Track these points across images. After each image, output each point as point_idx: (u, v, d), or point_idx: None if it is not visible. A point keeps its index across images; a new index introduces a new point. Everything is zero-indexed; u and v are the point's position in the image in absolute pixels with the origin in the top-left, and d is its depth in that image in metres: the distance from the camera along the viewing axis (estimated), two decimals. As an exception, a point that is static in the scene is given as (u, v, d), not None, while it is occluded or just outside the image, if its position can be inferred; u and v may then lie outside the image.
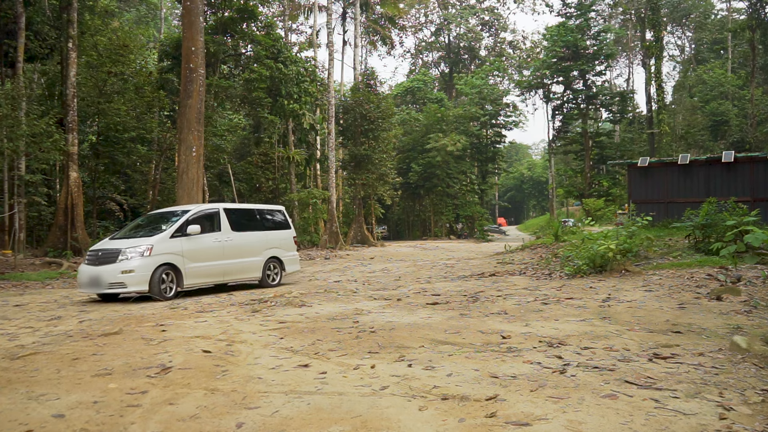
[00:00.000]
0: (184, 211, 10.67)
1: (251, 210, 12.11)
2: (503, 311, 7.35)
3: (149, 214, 11.49)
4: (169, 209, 11.51)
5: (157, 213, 11.46)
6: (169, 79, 24.49)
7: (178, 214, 10.58)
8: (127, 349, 5.65)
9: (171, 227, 10.10)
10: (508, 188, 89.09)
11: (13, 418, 3.64)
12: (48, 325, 7.29)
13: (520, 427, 3.25)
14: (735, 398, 3.63)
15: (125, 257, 9.40)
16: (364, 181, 32.42)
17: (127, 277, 9.29)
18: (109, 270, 9.34)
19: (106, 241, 10.38)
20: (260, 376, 4.51)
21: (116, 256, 9.43)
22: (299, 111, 29.68)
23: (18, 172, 18.79)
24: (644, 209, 16.92)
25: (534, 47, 58.29)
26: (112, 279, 9.29)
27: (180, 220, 10.25)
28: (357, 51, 36.34)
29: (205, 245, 10.51)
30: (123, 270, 9.29)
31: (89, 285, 9.53)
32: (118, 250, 9.48)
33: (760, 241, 9.28)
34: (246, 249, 11.33)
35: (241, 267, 11.20)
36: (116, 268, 9.32)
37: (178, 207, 11.65)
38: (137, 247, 9.55)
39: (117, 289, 9.35)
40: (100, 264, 9.47)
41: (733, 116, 40.27)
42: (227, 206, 11.40)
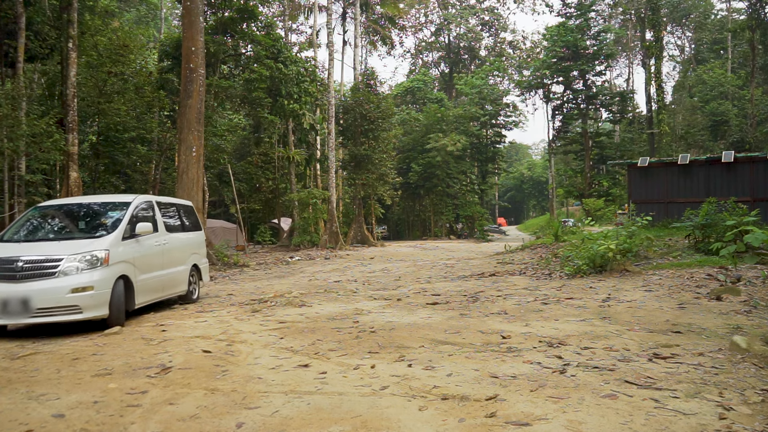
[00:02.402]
0: (121, 203, 7.86)
1: (177, 205, 9.56)
2: (503, 311, 7.35)
3: (43, 206, 8.09)
4: (77, 200, 8.56)
5: (62, 205, 8.30)
6: (169, 79, 24.49)
7: (110, 207, 7.87)
8: (127, 349, 5.65)
9: (119, 225, 7.30)
10: (508, 188, 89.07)
11: (14, 418, 3.64)
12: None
13: (520, 427, 3.25)
14: (735, 398, 3.63)
15: (73, 267, 6.49)
16: (364, 181, 32.42)
17: (82, 297, 6.41)
18: (46, 288, 6.29)
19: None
20: (260, 376, 4.51)
21: (55, 266, 6.43)
22: (299, 111, 29.68)
23: (18, 172, 18.78)
24: (644, 209, 16.91)
25: (534, 47, 58.30)
26: (54, 301, 6.29)
27: (126, 214, 7.50)
28: (357, 51, 36.34)
29: (151, 251, 7.88)
30: (75, 287, 6.37)
31: (1, 311, 6.28)
32: (56, 258, 6.49)
33: (760, 241, 9.28)
34: (176, 255, 8.72)
35: (172, 278, 8.56)
36: (61, 285, 6.35)
37: (86, 198, 8.53)
38: (89, 252, 6.66)
39: (58, 316, 6.36)
40: (25, 279, 6.34)
41: (733, 116, 40.25)
42: (158, 199, 8.78)
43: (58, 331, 6.78)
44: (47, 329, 6.90)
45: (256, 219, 36.45)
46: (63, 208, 8.19)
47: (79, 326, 6.80)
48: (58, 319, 6.47)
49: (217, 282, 13.20)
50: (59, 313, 6.43)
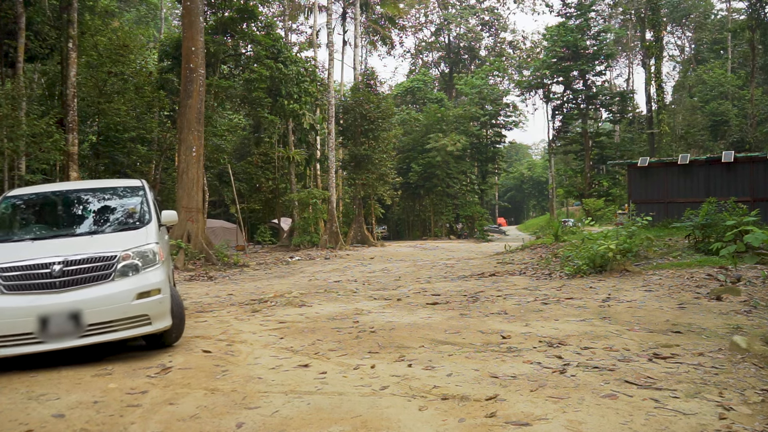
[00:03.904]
0: (130, 187, 6.48)
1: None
2: (503, 311, 7.35)
3: (14, 196, 6.24)
4: (73, 185, 6.80)
5: (58, 192, 6.39)
6: (169, 79, 24.50)
7: (120, 192, 6.44)
8: (127, 348, 5.65)
9: (149, 213, 5.99)
10: (508, 188, 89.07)
11: (14, 418, 3.65)
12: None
13: (520, 427, 3.25)
14: (735, 398, 3.63)
15: (131, 267, 5.13)
16: (364, 181, 32.42)
17: (151, 304, 5.07)
18: (104, 295, 4.89)
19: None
20: (260, 376, 4.51)
21: (109, 265, 5.03)
22: (299, 111, 29.70)
23: (18, 172, 18.78)
24: (644, 209, 16.91)
25: (534, 47, 58.31)
26: (117, 312, 4.90)
27: (148, 200, 6.19)
28: (357, 51, 36.34)
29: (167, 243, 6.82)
30: (142, 291, 5.03)
31: (37, 333, 4.69)
32: (108, 256, 5.06)
33: (760, 241, 9.28)
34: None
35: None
36: (123, 289, 4.97)
37: (81, 183, 7.00)
38: (143, 246, 5.33)
39: (121, 332, 4.97)
40: (70, 286, 4.86)
41: (733, 116, 40.25)
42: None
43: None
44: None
45: (256, 219, 36.47)
46: (61, 195, 6.32)
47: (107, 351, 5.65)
48: (121, 336, 4.98)
49: (217, 282, 13.20)
50: (123, 326, 4.94)
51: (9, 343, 4.68)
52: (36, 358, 5.08)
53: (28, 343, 4.70)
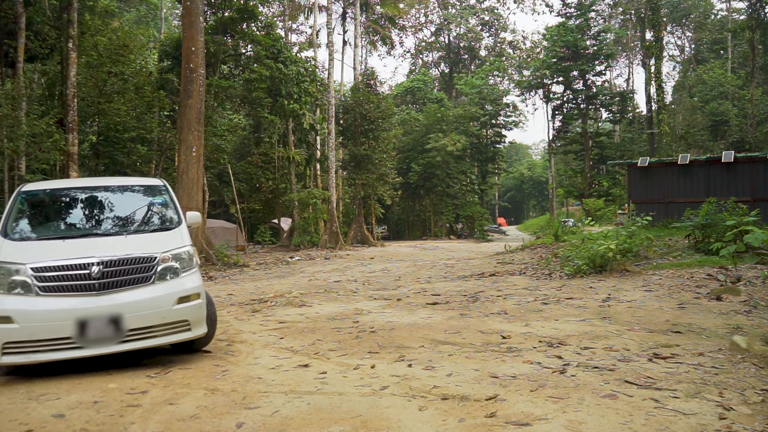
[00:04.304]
0: (150, 186, 6.18)
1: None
2: (503, 311, 7.35)
3: (32, 191, 5.76)
4: (91, 182, 6.40)
5: (80, 188, 6.00)
6: (169, 79, 24.51)
7: (143, 191, 6.13)
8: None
9: (177, 213, 5.76)
10: (508, 188, 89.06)
11: (14, 418, 3.64)
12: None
13: (520, 427, 3.25)
14: (735, 398, 3.63)
15: (170, 269, 4.94)
16: (364, 181, 32.42)
17: (190, 309, 4.88)
18: (144, 299, 4.69)
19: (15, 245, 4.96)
20: (260, 376, 4.51)
21: (149, 267, 4.82)
22: (299, 111, 29.70)
23: (18, 172, 18.77)
24: (644, 209, 16.92)
25: (534, 47, 58.31)
26: (157, 317, 4.71)
27: (174, 200, 5.94)
28: (357, 51, 36.35)
29: None
30: (182, 295, 4.85)
31: (75, 338, 4.45)
32: (148, 257, 4.85)
33: (760, 241, 9.28)
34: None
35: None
36: (164, 293, 4.78)
37: (102, 180, 6.51)
38: (180, 248, 5.15)
39: (160, 338, 4.76)
40: (110, 289, 4.62)
41: (733, 116, 40.25)
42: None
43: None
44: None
45: (256, 219, 36.47)
46: (83, 192, 5.90)
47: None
48: (160, 342, 4.77)
49: (217, 282, 13.20)
50: (163, 332, 4.75)
51: (45, 347, 4.42)
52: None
53: (65, 348, 4.44)
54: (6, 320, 4.35)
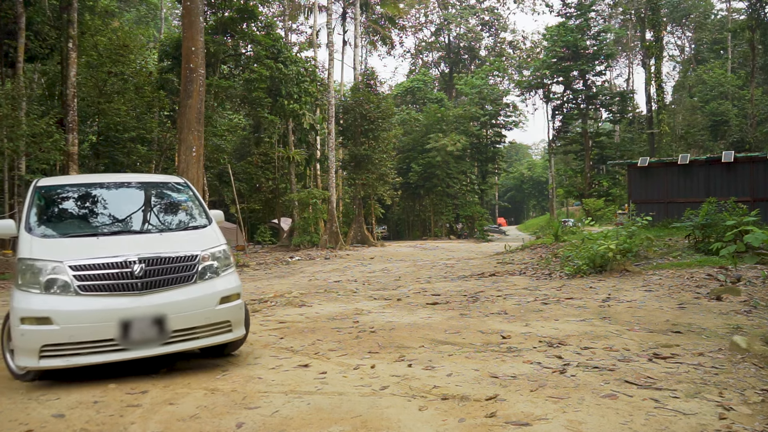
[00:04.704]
0: (172, 184, 5.97)
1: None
2: (503, 311, 7.35)
3: (50, 186, 5.47)
4: (113, 177, 6.10)
5: (87, 183, 5.73)
6: (169, 79, 24.52)
7: (165, 187, 5.92)
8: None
9: (203, 211, 5.58)
10: (508, 188, 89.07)
11: (14, 418, 3.64)
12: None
13: (520, 427, 3.25)
14: (735, 398, 3.63)
15: (210, 268, 4.78)
16: (364, 181, 32.43)
17: (232, 310, 4.74)
18: (187, 299, 4.51)
19: (44, 242, 4.63)
20: (260, 376, 4.51)
21: (191, 266, 4.64)
22: (299, 111, 29.71)
23: (18, 172, 18.79)
24: (644, 209, 16.92)
25: (534, 47, 58.31)
26: (201, 318, 4.53)
27: (199, 198, 5.79)
28: (357, 51, 36.34)
29: None
30: (225, 295, 4.71)
31: (118, 340, 4.23)
32: (189, 256, 4.67)
33: (760, 241, 9.28)
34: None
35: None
36: (207, 293, 4.63)
37: (121, 176, 6.33)
38: (217, 246, 4.97)
39: (203, 339, 4.60)
40: (152, 288, 4.41)
41: (733, 116, 40.26)
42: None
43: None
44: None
45: (256, 219, 36.47)
46: (107, 188, 5.67)
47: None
48: (202, 344, 4.59)
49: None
50: (206, 333, 4.58)
51: (87, 350, 4.16)
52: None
53: (107, 350, 4.21)
54: (45, 321, 4.09)
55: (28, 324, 4.10)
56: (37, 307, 4.13)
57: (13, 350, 4.33)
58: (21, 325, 4.10)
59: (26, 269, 4.31)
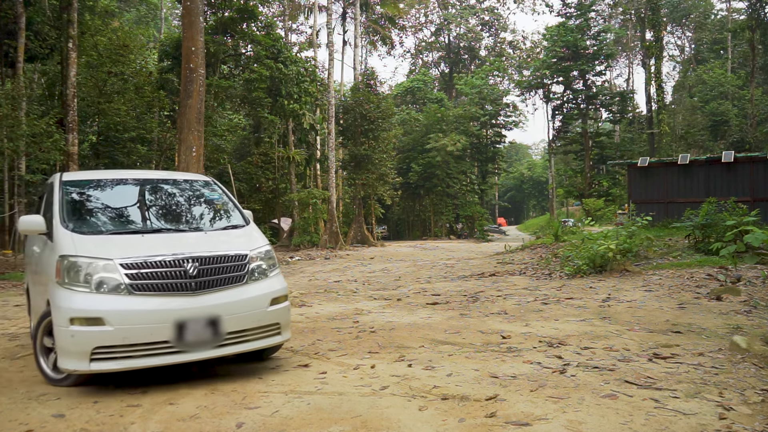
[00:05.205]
0: (199, 181, 5.88)
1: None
2: (503, 311, 7.35)
3: (76, 181, 5.24)
4: (128, 173, 6.23)
5: (118, 179, 5.61)
6: (169, 79, 24.51)
7: (194, 185, 5.76)
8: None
9: (236, 209, 5.45)
10: (508, 188, 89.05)
11: (14, 418, 3.64)
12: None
13: (520, 427, 3.25)
14: (735, 398, 3.63)
15: (259, 268, 4.65)
16: (364, 181, 32.42)
17: (281, 312, 4.63)
18: (240, 300, 4.37)
19: (84, 239, 4.39)
20: (260, 376, 4.51)
21: (241, 266, 4.50)
22: (299, 111, 29.70)
23: (18, 172, 18.79)
24: (644, 209, 16.91)
25: (534, 47, 58.30)
26: (254, 319, 4.41)
27: (230, 196, 5.68)
28: (357, 51, 36.35)
29: None
30: (275, 296, 4.59)
31: (173, 342, 4.06)
32: (239, 255, 4.53)
33: (760, 241, 9.28)
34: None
35: None
36: (258, 294, 4.50)
37: (142, 172, 6.33)
38: (263, 246, 4.84)
39: (253, 342, 4.46)
40: (206, 289, 4.25)
41: (733, 116, 40.26)
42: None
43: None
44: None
45: (256, 219, 36.40)
46: (138, 185, 5.51)
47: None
48: (253, 347, 4.46)
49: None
50: (257, 336, 4.45)
51: (141, 352, 3.98)
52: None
53: (162, 353, 4.03)
54: (96, 322, 3.89)
55: (79, 325, 3.88)
56: (89, 307, 3.93)
57: (57, 353, 4.05)
58: (71, 326, 3.88)
59: (72, 267, 4.07)
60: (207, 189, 5.72)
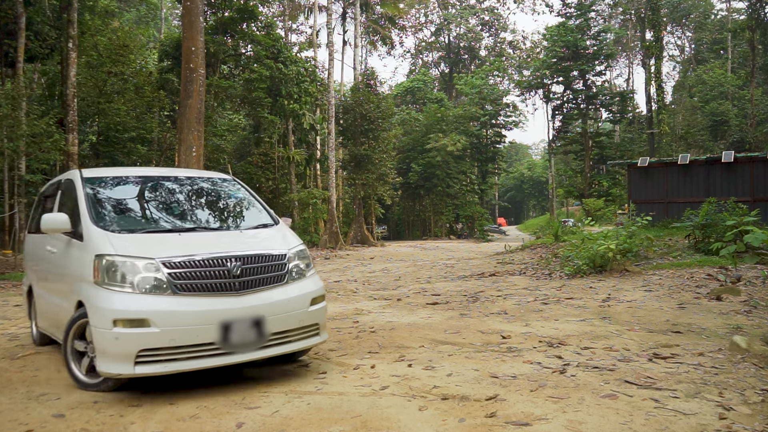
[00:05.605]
0: (226, 181, 5.72)
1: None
2: (503, 311, 7.35)
3: (99, 177, 5.07)
4: (150, 170, 5.95)
5: (144, 176, 5.41)
6: (169, 79, 24.52)
7: (216, 183, 5.63)
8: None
9: (263, 208, 5.33)
10: (508, 188, 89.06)
11: (14, 418, 3.64)
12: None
13: (520, 427, 3.25)
14: (735, 398, 3.63)
15: (298, 268, 4.57)
16: (364, 181, 32.43)
17: (320, 312, 4.58)
18: (282, 300, 4.28)
19: (121, 237, 4.25)
20: (260, 376, 4.51)
21: (281, 265, 4.41)
22: (299, 111, 29.72)
23: (18, 172, 18.78)
24: (644, 209, 16.91)
25: (534, 47, 58.29)
26: (295, 320, 4.33)
27: (254, 195, 5.55)
28: (357, 51, 36.35)
29: None
30: (315, 296, 4.54)
31: (219, 343, 3.94)
32: (278, 254, 4.44)
33: (760, 241, 9.29)
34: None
35: None
36: (299, 294, 4.42)
37: (164, 170, 5.86)
38: (299, 246, 4.73)
39: (294, 343, 4.38)
40: (249, 288, 4.15)
41: (732, 116, 40.26)
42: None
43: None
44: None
45: (256, 219, 36.35)
46: (164, 182, 5.34)
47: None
48: (293, 348, 4.37)
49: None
50: (297, 337, 4.37)
51: (187, 354, 3.86)
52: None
53: (208, 354, 3.91)
54: (142, 323, 3.75)
55: (123, 326, 3.73)
56: (133, 307, 3.79)
57: (95, 356, 3.92)
58: (114, 328, 3.74)
59: (111, 266, 3.92)
60: (231, 187, 5.59)
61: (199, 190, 5.47)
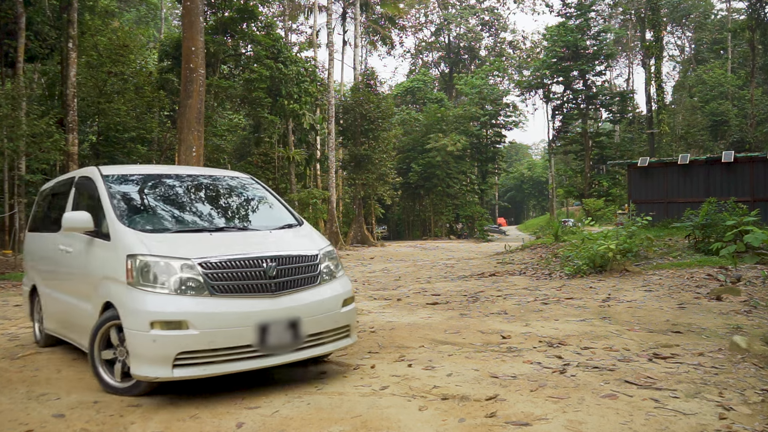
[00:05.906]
0: (247, 180, 5.66)
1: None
2: (503, 311, 7.35)
3: (121, 176, 4.95)
4: (172, 169, 5.72)
5: (167, 175, 5.28)
6: (169, 79, 24.52)
7: (238, 182, 5.54)
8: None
9: (284, 208, 5.30)
10: (508, 188, 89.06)
11: (14, 418, 3.64)
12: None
13: (520, 427, 3.25)
14: (735, 398, 3.63)
15: (328, 269, 4.52)
16: (364, 181, 32.43)
17: (350, 314, 4.55)
18: (316, 301, 4.24)
19: (157, 238, 4.17)
20: (260, 376, 4.50)
21: (314, 266, 4.35)
22: (299, 111, 29.72)
23: (18, 172, 18.78)
24: (644, 209, 16.91)
25: (534, 47, 58.30)
26: (330, 321, 4.30)
27: (274, 195, 5.51)
28: (357, 51, 36.36)
29: None
30: (346, 297, 4.50)
31: (256, 345, 3.87)
32: (310, 255, 4.38)
33: (760, 241, 9.28)
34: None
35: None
36: (331, 295, 4.38)
37: (185, 168, 5.98)
38: (327, 246, 4.69)
39: (327, 345, 4.32)
40: (285, 290, 4.09)
41: (732, 116, 40.26)
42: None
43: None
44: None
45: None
46: (186, 181, 5.24)
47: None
48: (326, 350, 4.32)
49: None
50: (330, 338, 4.31)
51: (224, 357, 3.77)
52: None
53: (245, 357, 3.84)
54: (180, 325, 3.66)
55: (160, 328, 3.65)
56: (171, 309, 3.69)
57: (129, 359, 3.83)
58: (152, 330, 3.65)
59: (146, 267, 3.81)
60: (253, 187, 5.50)
61: (222, 189, 5.36)
